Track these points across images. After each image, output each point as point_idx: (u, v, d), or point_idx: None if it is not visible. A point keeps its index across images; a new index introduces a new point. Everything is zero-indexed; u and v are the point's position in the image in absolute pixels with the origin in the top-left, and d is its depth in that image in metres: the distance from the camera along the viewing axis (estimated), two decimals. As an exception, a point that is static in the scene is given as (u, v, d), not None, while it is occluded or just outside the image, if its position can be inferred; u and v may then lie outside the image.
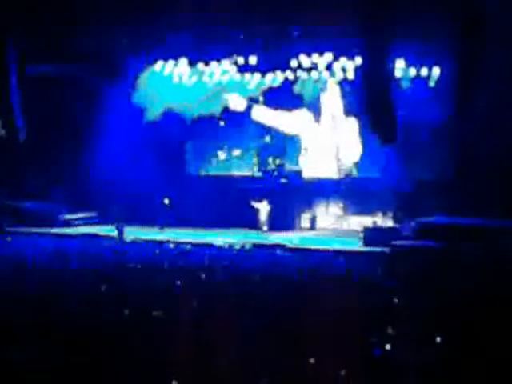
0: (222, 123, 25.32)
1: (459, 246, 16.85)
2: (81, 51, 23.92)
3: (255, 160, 24.93)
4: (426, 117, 21.74)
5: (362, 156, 23.58)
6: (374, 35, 19.25)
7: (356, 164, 23.81)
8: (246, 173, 25.16)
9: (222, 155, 25.66)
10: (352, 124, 23.77)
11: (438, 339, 8.67)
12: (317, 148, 24.38)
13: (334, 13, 20.26)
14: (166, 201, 24.03)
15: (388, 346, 8.48)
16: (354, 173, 23.89)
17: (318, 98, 24.17)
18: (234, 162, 25.59)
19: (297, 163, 24.63)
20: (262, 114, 24.81)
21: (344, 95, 23.83)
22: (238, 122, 25.05)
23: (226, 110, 24.80)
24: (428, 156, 22.27)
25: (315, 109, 24.29)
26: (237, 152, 25.45)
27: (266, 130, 24.88)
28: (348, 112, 23.79)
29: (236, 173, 25.42)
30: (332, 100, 24.11)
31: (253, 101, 24.74)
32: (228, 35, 23.18)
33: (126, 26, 22.93)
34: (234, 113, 24.83)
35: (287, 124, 24.55)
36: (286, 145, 24.74)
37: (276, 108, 24.62)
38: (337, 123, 24.13)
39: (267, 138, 24.90)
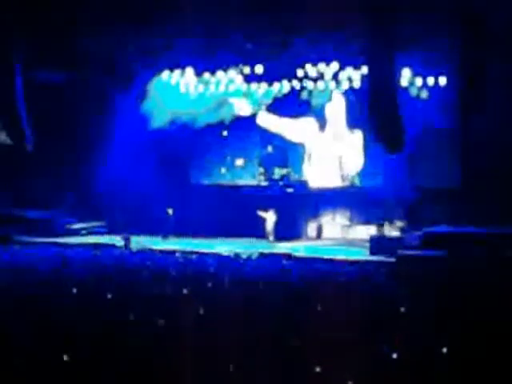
0: (224, 133, 25.39)
1: (465, 255, 16.84)
2: (87, 59, 24.00)
3: (261, 170, 25.00)
4: (432, 126, 21.79)
5: (367, 165, 23.63)
6: (379, 44, 19.31)
7: (359, 173, 23.88)
8: (251, 182, 25.21)
9: (226, 164, 25.71)
10: (356, 134, 23.85)
11: (444, 350, 8.68)
12: (320, 156, 24.45)
13: (339, 22, 20.34)
14: (170, 211, 24.03)
15: (394, 354, 8.48)
16: (357, 182, 23.96)
17: (324, 107, 24.27)
18: (238, 172, 25.63)
19: (300, 173, 24.72)
20: (268, 121, 24.91)
21: (349, 106, 23.91)
22: (241, 131, 25.11)
23: (231, 119, 24.89)
24: (433, 165, 22.28)
25: (321, 118, 24.39)
26: (241, 161, 25.51)
27: (268, 139, 24.98)
28: (352, 122, 23.87)
29: (242, 182, 25.46)
30: (336, 110, 24.19)
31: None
32: (234, 44, 23.25)
33: (132, 34, 23.00)
34: (238, 122, 24.91)
35: (292, 131, 24.64)
36: (289, 155, 24.83)
37: (282, 116, 24.72)
38: (340, 133, 24.20)
39: (269, 148, 24.98)
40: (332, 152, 24.33)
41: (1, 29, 22.45)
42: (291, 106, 24.52)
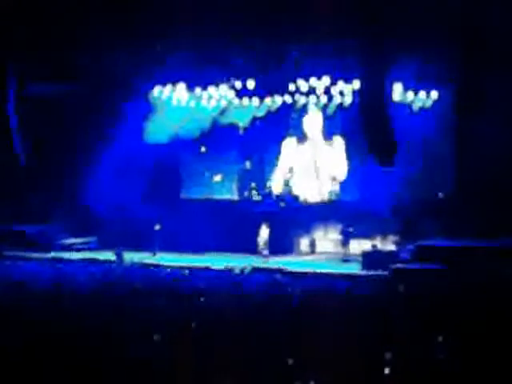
0: (202, 149, 25.38)
1: (459, 269, 16.82)
2: (82, 73, 24.03)
3: (253, 184, 24.84)
4: (424, 138, 21.83)
5: (351, 179, 23.62)
6: (373, 57, 19.36)
7: (339, 187, 23.87)
8: (239, 197, 25.21)
9: (217, 178, 25.63)
10: (335, 146, 23.90)
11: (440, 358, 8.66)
12: (300, 172, 24.48)
13: (331, 35, 20.42)
14: (157, 226, 23.96)
15: (387, 370, 8.45)
16: (337, 196, 23.91)
17: (301, 121, 24.34)
18: (217, 187, 25.62)
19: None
20: None
21: (327, 118, 23.95)
22: (223, 146, 25.10)
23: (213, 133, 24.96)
24: (426, 177, 22.26)
25: (299, 133, 24.45)
26: (219, 177, 25.48)
27: (247, 154, 25.03)
28: (330, 135, 23.93)
29: (235, 197, 25.42)
30: (314, 123, 24.21)
31: None
32: (225, 59, 23.31)
33: (124, 50, 23.05)
34: (216, 136, 24.93)
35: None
36: (267, 170, 24.88)
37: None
38: (319, 146, 24.24)
39: (247, 164, 24.96)
40: (312, 167, 24.33)
41: None
42: (272, 126, 24.60)
